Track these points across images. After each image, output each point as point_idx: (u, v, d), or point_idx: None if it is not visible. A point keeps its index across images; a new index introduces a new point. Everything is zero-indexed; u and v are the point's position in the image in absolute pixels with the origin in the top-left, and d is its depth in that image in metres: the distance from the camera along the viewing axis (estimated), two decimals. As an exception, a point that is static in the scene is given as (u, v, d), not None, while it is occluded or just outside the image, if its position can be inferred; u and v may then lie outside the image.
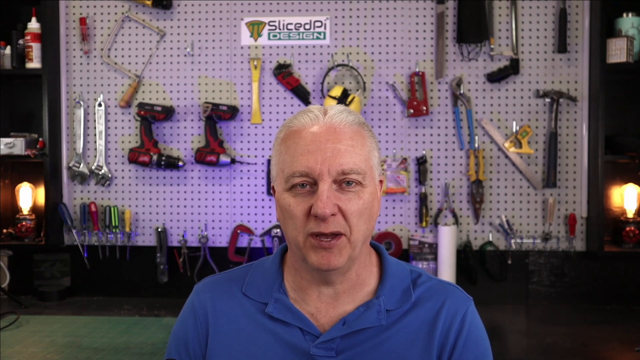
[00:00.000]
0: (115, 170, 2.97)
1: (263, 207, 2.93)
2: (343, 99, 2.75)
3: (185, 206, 2.95)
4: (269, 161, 2.91)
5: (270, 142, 2.92)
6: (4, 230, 2.94)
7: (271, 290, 1.20)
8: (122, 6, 2.95)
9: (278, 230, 2.88)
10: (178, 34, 2.95)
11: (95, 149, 2.96)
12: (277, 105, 2.91)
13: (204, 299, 1.24)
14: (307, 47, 2.90)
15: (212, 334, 1.21)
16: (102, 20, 2.96)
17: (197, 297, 1.25)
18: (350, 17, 2.89)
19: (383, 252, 1.25)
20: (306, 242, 1.12)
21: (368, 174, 1.14)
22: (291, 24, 2.90)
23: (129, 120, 2.96)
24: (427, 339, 1.16)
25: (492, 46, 2.84)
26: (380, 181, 1.21)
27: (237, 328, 1.20)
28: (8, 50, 2.89)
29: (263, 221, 2.93)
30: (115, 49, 2.97)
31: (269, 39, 2.91)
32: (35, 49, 2.86)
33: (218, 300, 1.23)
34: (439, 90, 2.87)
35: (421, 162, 2.85)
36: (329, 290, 1.18)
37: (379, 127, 2.88)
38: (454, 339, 1.16)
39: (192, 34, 2.94)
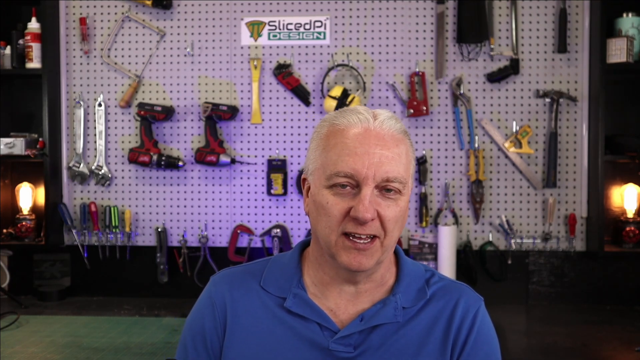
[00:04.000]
0: (115, 170, 2.97)
1: (263, 207, 2.93)
2: (343, 99, 2.75)
3: (185, 206, 2.95)
4: (269, 161, 2.91)
5: (270, 142, 2.92)
6: (4, 230, 2.94)
7: (290, 285, 1.21)
8: (122, 6, 2.95)
9: (278, 230, 2.88)
10: (178, 34, 2.95)
11: (95, 149, 2.96)
12: (277, 105, 2.91)
13: (221, 290, 1.24)
14: (307, 47, 2.90)
15: (230, 325, 1.21)
16: (102, 20, 2.96)
17: (214, 288, 1.25)
18: (350, 17, 2.89)
19: (400, 251, 1.26)
20: (338, 241, 1.12)
21: (407, 183, 1.16)
22: (291, 24, 2.90)
23: (129, 120, 2.96)
24: (443, 335, 1.18)
25: (492, 46, 2.84)
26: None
27: (255, 321, 1.20)
28: (8, 50, 2.89)
29: (263, 221, 2.93)
30: (115, 49, 2.97)
31: (269, 39, 2.91)
32: (35, 49, 2.86)
33: (236, 292, 1.23)
34: (439, 90, 2.87)
35: (421, 162, 2.85)
36: (350, 289, 1.19)
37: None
38: (465, 336, 1.19)
39: (192, 34, 2.94)
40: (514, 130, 2.84)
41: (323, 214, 1.13)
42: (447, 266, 2.77)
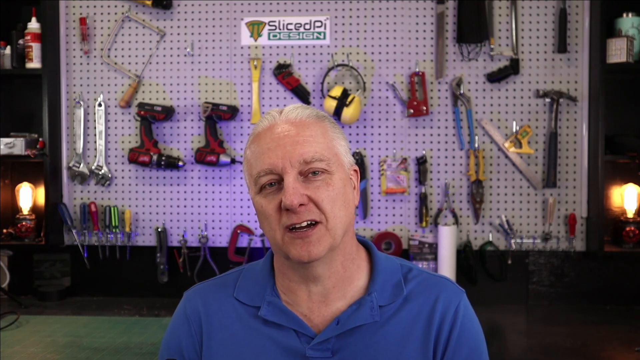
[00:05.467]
0: (115, 170, 2.97)
1: (263, 207, 2.92)
2: (343, 99, 2.75)
3: (185, 206, 2.95)
4: (269, 161, 2.90)
5: (270, 142, 2.91)
6: (4, 230, 2.94)
7: (263, 293, 1.20)
8: (122, 6, 2.95)
9: (278, 230, 2.88)
10: (178, 34, 2.95)
11: (95, 149, 2.96)
12: (277, 105, 2.91)
13: (195, 305, 1.23)
14: (307, 47, 2.90)
15: (206, 340, 1.20)
16: (102, 20, 2.96)
17: (188, 304, 1.24)
18: (350, 17, 2.89)
19: (372, 247, 1.24)
20: (284, 238, 1.11)
21: (333, 160, 1.14)
22: (291, 24, 2.90)
23: (129, 120, 2.96)
24: (424, 334, 1.15)
25: (492, 46, 2.84)
26: (355, 170, 1.21)
27: (231, 333, 1.19)
28: (8, 50, 2.89)
29: (263, 221, 2.92)
30: (115, 49, 2.97)
31: (269, 39, 2.91)
32: (35, 49, 2.86)
33: (210, 306, 1.22)
34: (439, 90, 2.87)
35: (421, 162, 2.85)
36: (318, 288, 1.17)
37: (379, 127, 2.88)
38: (447, 333, 1.16)
39: (192, 34, 2.94)
40: (514, 130, 2.84)
41: (263, 218, 1.14)
42: (447, 266, 2.77)
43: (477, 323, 1.21)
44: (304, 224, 1.10)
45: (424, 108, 2.82)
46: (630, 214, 2.82)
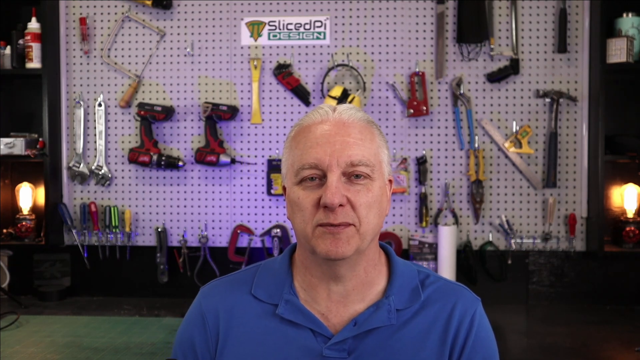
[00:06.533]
0: (115, 170, 2.97)
1: (263, 207, 2.93)
2: (343, 99, 2.75)
3: (185, 206, 2.95)
4: (269, 161, 2.91)
5: (270, 142, 2.92)
6: (4, 230, 2.94)
7: (281, 291, 1.19)
8: (122, 6, 2.95)
9: (278, 230, 2.88)
10: (178, 34, 2.95)
11: (95, 149, 2.96)
12: (277, 105, 2.91)
13: (213, 302, 1.22)
14: (307, 47, 2.90)
15: (223, 337, 1.19)
16: (102, 20, 2.96)
17: (205, 301, 1.24)
18: (350, 17, 2.89)
19: (391, 252, 1.25)
20: (315, 232, 1.11)
21: (377, 167, 1.15)
22: (291, 24, 2.90)
23: (129, 120, 2.96)
24: (440, 340, 1.16)
25: (492, 46, 2.84)
26: (390, 180, 1.22)
27: (248, 330, 1.19)
28: (8, 50, 2.89)
29: (263, 221, 2.93)
30: (115, 49, 2.97)
31: (269, 39, 2.91)
32: (35, 49, 2.86)
33: (228, 303, 1.21)
34: (439, 90, 2.87)
35: (421, 162, 2.85)
36: (338, 288, 1.17)
37: (379, 127, 2.88)
38: (462, 340, 1.17)
39: (192, 34, 2.94)
40: (514, 130, 2.84)
41: (297, 210, 1.14)
42: (447, 266, 2.77)
43: (491, 332, 1.23)
44: (338, 224, 1.10)
45: (424, 108, 2.82)
46: (630, 214, 2.82)
